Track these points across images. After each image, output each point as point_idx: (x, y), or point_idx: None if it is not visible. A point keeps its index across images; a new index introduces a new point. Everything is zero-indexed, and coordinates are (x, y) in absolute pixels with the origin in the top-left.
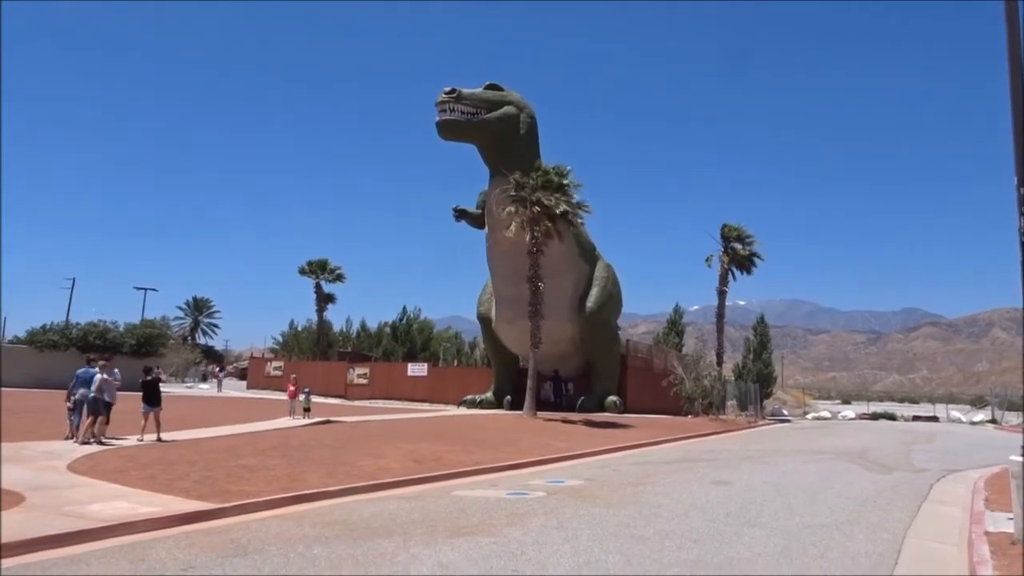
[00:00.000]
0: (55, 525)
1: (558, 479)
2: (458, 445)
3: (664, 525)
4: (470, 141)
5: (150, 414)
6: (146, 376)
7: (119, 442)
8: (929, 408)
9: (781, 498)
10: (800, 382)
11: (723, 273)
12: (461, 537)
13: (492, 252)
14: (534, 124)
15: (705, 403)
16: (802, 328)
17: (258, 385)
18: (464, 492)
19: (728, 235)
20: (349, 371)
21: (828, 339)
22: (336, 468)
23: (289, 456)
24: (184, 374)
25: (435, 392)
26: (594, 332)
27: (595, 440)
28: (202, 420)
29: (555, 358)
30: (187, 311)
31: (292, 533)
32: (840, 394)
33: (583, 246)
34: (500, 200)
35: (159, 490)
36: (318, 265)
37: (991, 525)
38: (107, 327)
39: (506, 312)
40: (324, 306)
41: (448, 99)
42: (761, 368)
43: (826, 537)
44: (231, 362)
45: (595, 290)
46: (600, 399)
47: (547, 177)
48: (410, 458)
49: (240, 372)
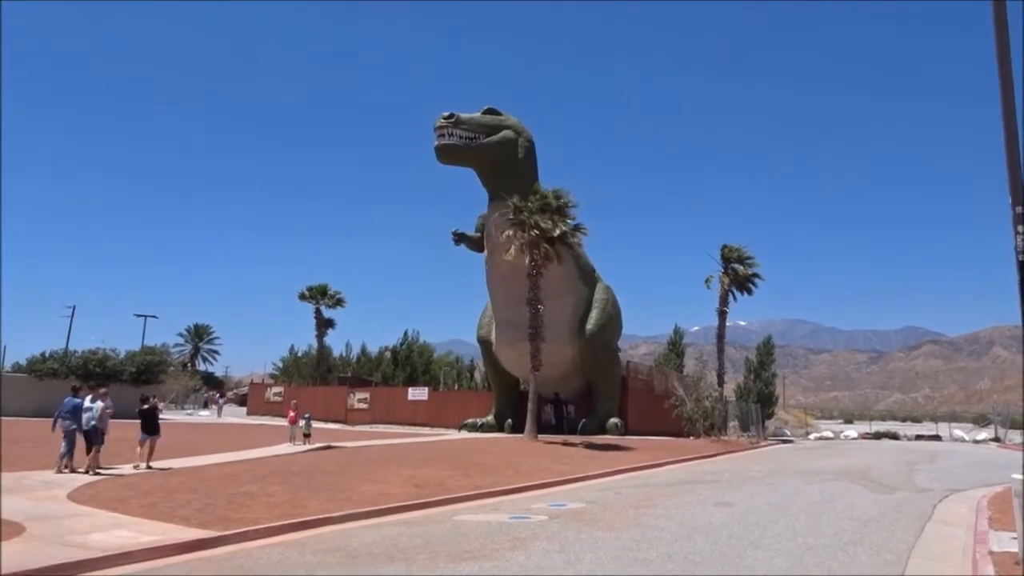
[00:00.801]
0: (55, 555)
1: (560, 502)
2: (459, 469)
3: (667, 548)
4: (469, 165)
5: (147, 442)
6: (143, 404)
7: (113, 471)
8: (932, 427)
9: (784, 519)
10: (802, 402)
11: (723, 294)
12: (463, 562)
13: (491, 275)
14: (532, 148)
15: (707, 424)
16: (803, 348)
17: (258, 411)
18: (466, 516)
19: (728, 256)
20: (349, 396)
21: (829, 359)
22: (337, 494)
23: (290, 482)
24: (184, 401)
25: (436, 416)
26: (595, 354)
27: (597, 463)
28: (202, 447)
29: (556, 380)
30: (187, 338)
31: (294, 560)
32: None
33: (582, 268)
34: (499, 223)
35: (160, 518)
36: (318, 291)
37: (995, 544)
38: (107, 354)
39: (506, 335)
40: (324, 331)
41: (447, 124)
42: (762, 388)
43: (829, 558)
44: (231, 388)
45: (595, 312)
46: (601, 421)
47: (545, 200)
48: (411, 483)
49: (240, 398)
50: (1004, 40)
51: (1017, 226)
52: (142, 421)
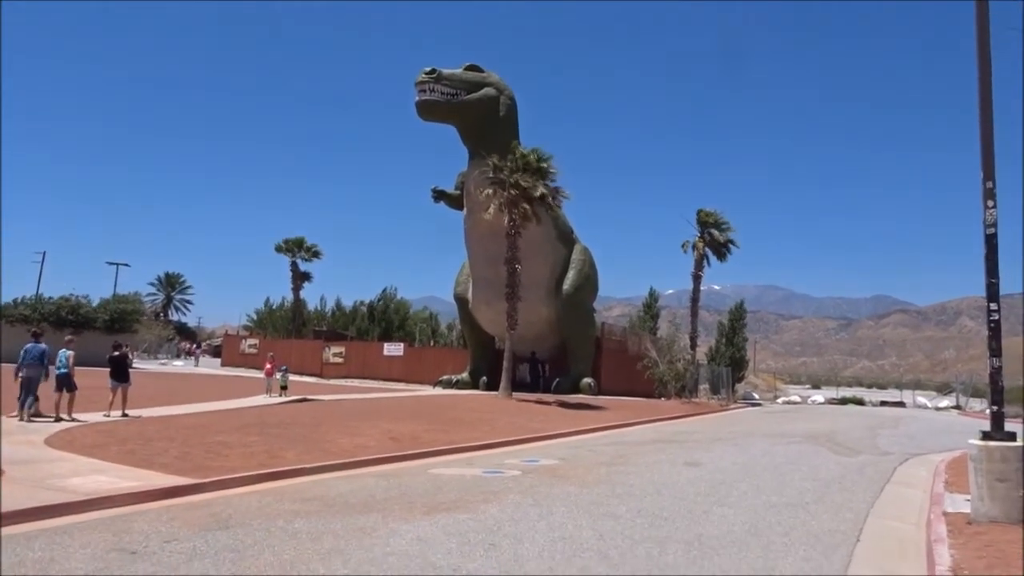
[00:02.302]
0: (36, 498)
1: (533, 458)
2: (435, 424)
3: (636, 503)
4: (450, 122)
5: (118, 389)
6: (113, 352)
7: (85, 418)
8: (896, 394)
9: (750, 479)
10: (772, 367)
11: (699, 259)
12: (439, 513)
13: (470, 234)
14: (513, 106)
15: (678, 386)
16: (775, 313)
17: (233, 363)
18: (441, 470)
19: (705, 221)
20: (325, 350)
21: (800, 325)
22: (314, 445)
23: (267, 433)
24: (157, 351)
25: (411, 372)
26: (570, 314)
27: (570, 421)
28: (178, 397)
29: (531, 340)
30: (159, 287)
31: (272, 508)
32: (810, 379)
33: (561, 229)
34: (479, 182)
35: (139, 465)
36: (295, 243)
37: (950, 506)
38: (80, 302)
39: (483, 293)
40: (300, 284)
41: (428, 79)
42: (734, 352)
43: (792, 516)
44: (204, 339)
45: (572, 273)
46: (575, 381)
47: (526, 160)
48: (387, 436)
49: (214, 349)
50: (984, 13)
51: (987, 200)
52: (112, 369)
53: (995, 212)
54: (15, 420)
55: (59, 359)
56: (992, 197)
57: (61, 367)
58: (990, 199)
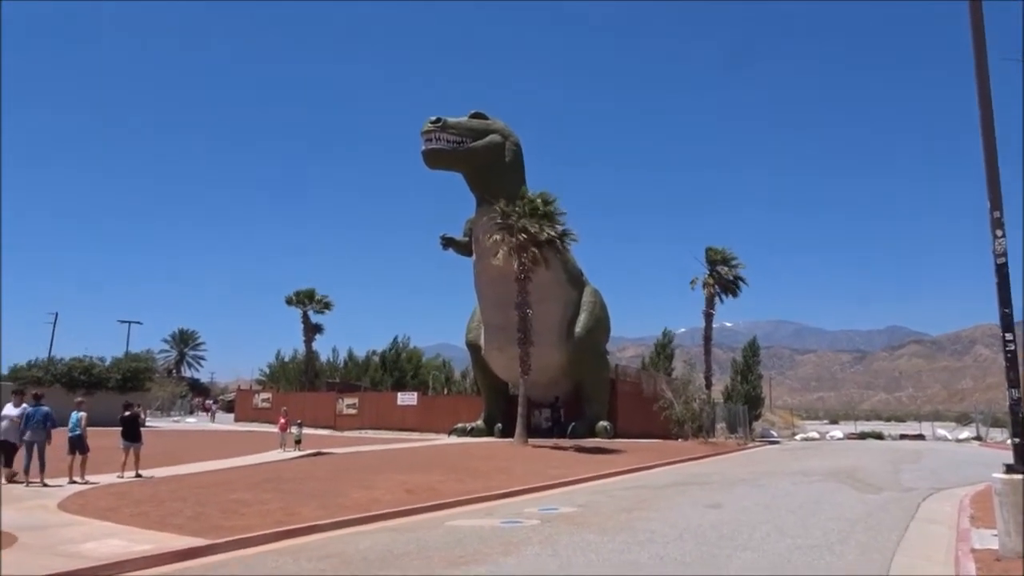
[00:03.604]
0: (50, 565)
1: (552, 506)
2: (451, 474)
3: (658, 550)
4: (456, 169)
5: (130, 450)
6: (124, 412)
7: (98, 479)
8: (916, 426)
9: (773, 520)
10: (788, 403)
11: (709, 296)
12: (457, 567)
13: (480, 280)
14: (519, 152)
15: (695, 426)
16: (789, 348)
17: (246, 417)
18: (458, 522)
19: (713, 258)
20: (338, 401)
21: (815, 359)
22: (329, 500)
23: (282, 489)
24: (170, 408)
25: (425, 421)
26: (583, 357)
27: (587, 466)
28: (192, 454)
29: (545, 384)
30: (172, 343)
31: (289, 568)
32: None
33: (570, 272)
34: (487, 228)
35: (152, 527)
36: (305, 295)
37: (977, 542)
38: (92, 362)
39: (495, 339)
40: (312, 336)
41: (434, 128)
42: (749, 390)
43: (817, 558)
44: (217, 394)
45: (583, 315)
46: (591, 424)
47: (533, 205)
48: (403, 488)
49: (227, 404)
50: (981, 45)
51: (995, 230)
52: (123, 429)
53: (1004, 242)
54: (22, 485)
55: (71, 421)
56: (1000, 227)
57: (73, 429)
58: (998, 228)
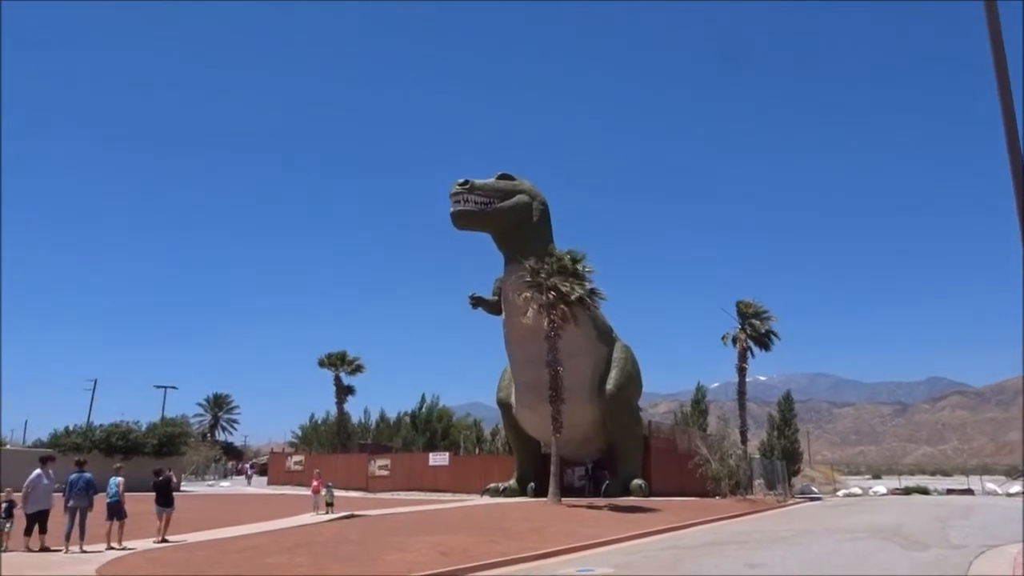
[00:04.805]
0: None
1: (588, 568)
2: (484, 536)
3: None
4: (484, 230)
5: (163, 515)
6: (157, 477)
7: (135, 545)
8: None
9: None
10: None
11: (742, 351)
12: None
13: (510, 338)
14: (546, 211)
15: (732, 483)
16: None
17: (279, 480)
18: None
19: (744, 311)
20: (370, 463)
21: (853, 412)
22: (363, 564)
23: (315, 553)
24: (204, 472)
25: (457, 481)
26: (616, 414)
27: (622, 525)
28: (227, 518)
29: (577, 442)
30: (207, 408)
31: None
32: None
33: (600, 328)
34: (516, 286)
35: None
36: (337, 357)
37: None
38: (129, 427)
39: (526, 397)
40: (344, 398)
41: (462, 190)
42: (787, 445)
43: None
44: (250, 457)
45: (614, 371)
46: (625, 483)
47: (562, 263)
48: (437, 551)
49: (260, 468)
50: (1007, 89)
51: None
52: (156, 494)
53: None
54: (61, 552)
55: (109, 487)
56: None
57: (112, 495)
58: None
